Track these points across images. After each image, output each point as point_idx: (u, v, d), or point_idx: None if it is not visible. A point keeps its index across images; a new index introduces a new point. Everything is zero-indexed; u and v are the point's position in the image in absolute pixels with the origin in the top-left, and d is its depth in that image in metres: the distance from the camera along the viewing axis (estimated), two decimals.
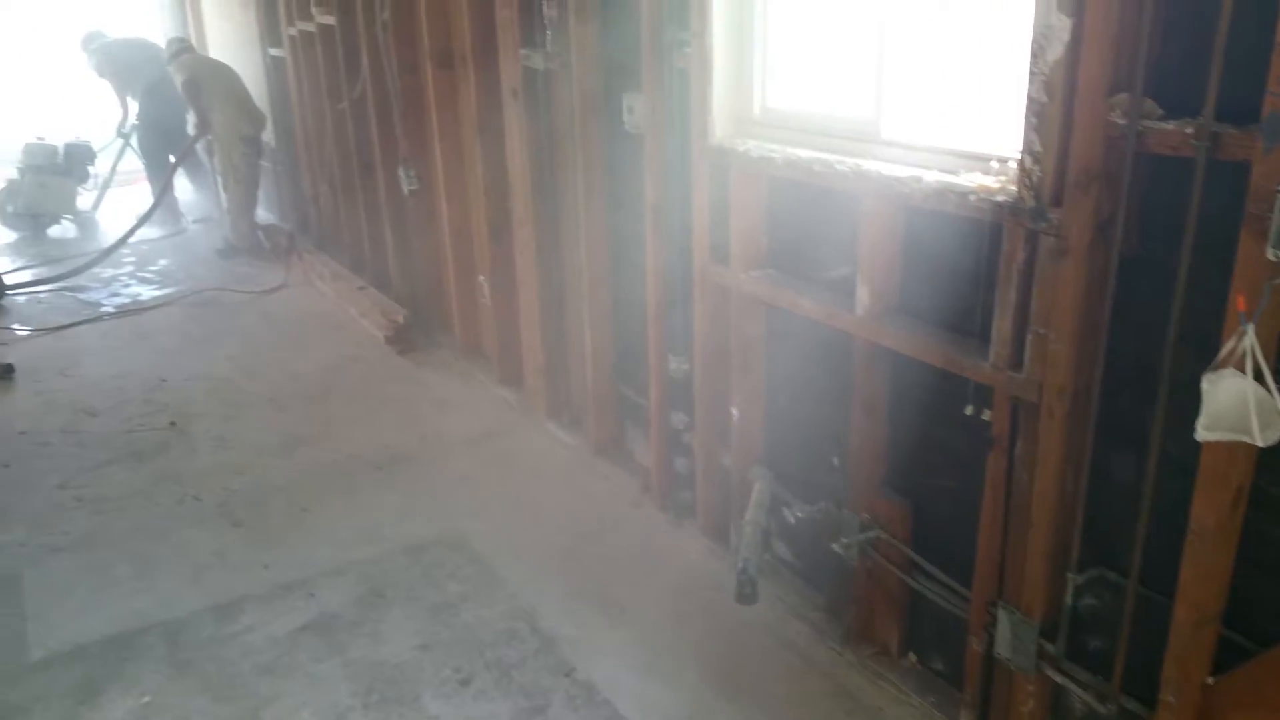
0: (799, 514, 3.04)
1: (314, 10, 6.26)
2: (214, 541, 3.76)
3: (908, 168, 2.45)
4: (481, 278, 5.09)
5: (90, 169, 8.71)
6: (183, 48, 8.01)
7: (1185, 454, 1.94)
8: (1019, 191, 2.13)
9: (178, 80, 7.57)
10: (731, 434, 3.35)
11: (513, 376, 4.95)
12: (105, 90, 8.95)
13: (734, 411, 3.30)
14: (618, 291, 4.02)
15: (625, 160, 3.72)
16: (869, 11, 2.55)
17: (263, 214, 8.15)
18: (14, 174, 8.34)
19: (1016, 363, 2.24)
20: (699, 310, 3.34)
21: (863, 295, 2.61)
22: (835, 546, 2.87)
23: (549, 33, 3.84)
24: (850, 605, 2.98)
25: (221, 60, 8.13)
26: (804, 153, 2.76)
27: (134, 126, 8.78)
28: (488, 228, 4.79)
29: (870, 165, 2.53)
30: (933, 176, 2.36)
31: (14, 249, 8.01)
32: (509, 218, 4.61)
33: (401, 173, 5.49)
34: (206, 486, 4.17)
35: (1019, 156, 2.13)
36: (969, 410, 2.37)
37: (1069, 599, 2.29)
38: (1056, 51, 1.99)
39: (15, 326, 6.24)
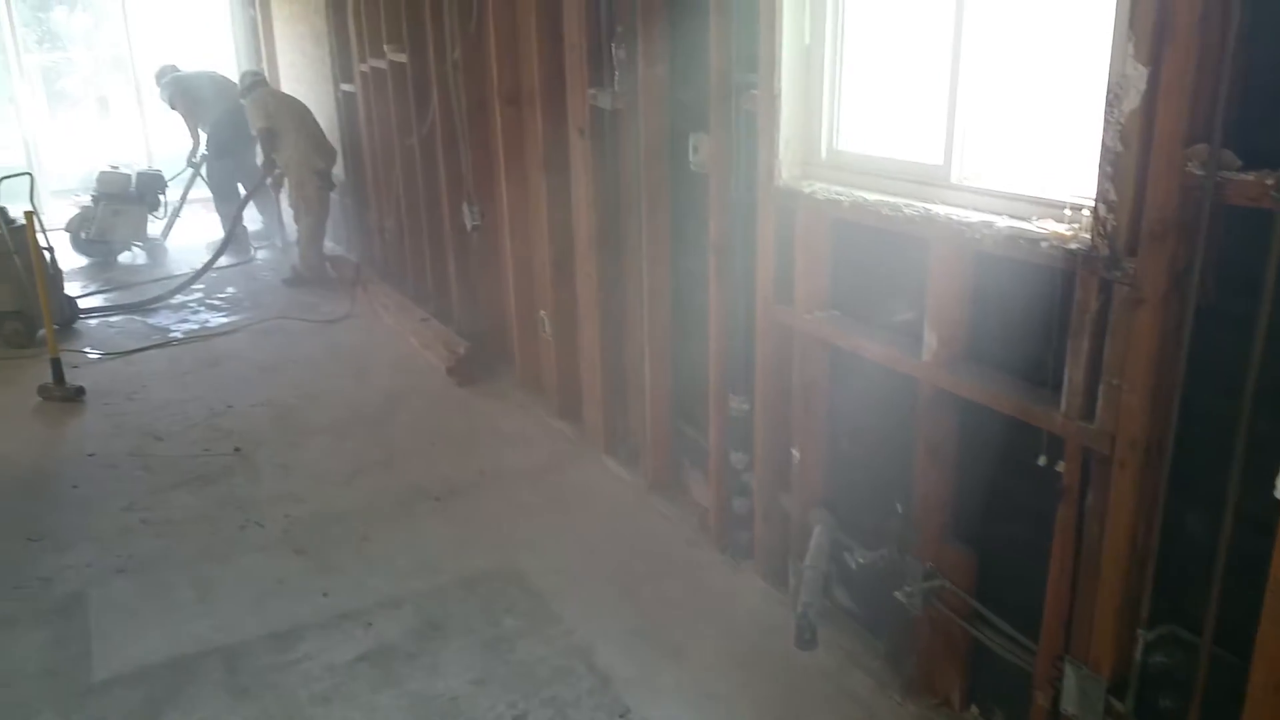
0: (860, 560, 3.00)
1: (386, 48, 6.41)
2: (275, 568, 3.81)
3: (978, 213, 2.43)
4: (542, 312, 5.14)
5: (161, 197, 8.96)
6: (256, 81, 8.25)
7: (1263, 511, 1.89)
8: (1093, 240, 2.11)
9: (253, 122, 7.78)
10: (792, 475, 3.33)
11: (571, 410, 4.97)
12: (177, 121, 9.25)
13: (795, 453, 3.28)
14: (679, 329, 4.03)
15: (689, 199, 3.74)
16: (940, 56, 2.55)
17: (330, 245, 8.32)
18: (88, 201, 8.60)
19: (1088, 413, 2.20)
20: (761, 350, 3.33)
21: (930, 340, 2.59)
22: (898, 595, 2.83)
23: (617, 73, 3.90)
24: (912, 655, 2.93)
25: (294, 95, 8.34)
26: (871, 196, 2.76)
27: (204, 156, 9.04)
28: (550, 263, 4.84)
29: (939, 209, 2.52)
30: (1004, 222, 2.34)
31: (86, 274, 8.25)
32: (572, 254, 4.66)
33: (465, 208, 5.57)
34: (269, 513, 4.23)
35: (1093, 204, 2.10)
36: (1042, 461, 2.33)
37: (1139, 656, 2.23)
38: (1132, 101, 1.98)
39: (87, 350, 6.42)
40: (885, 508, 2.99)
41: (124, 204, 8.56)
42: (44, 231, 5.91)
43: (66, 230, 8.50)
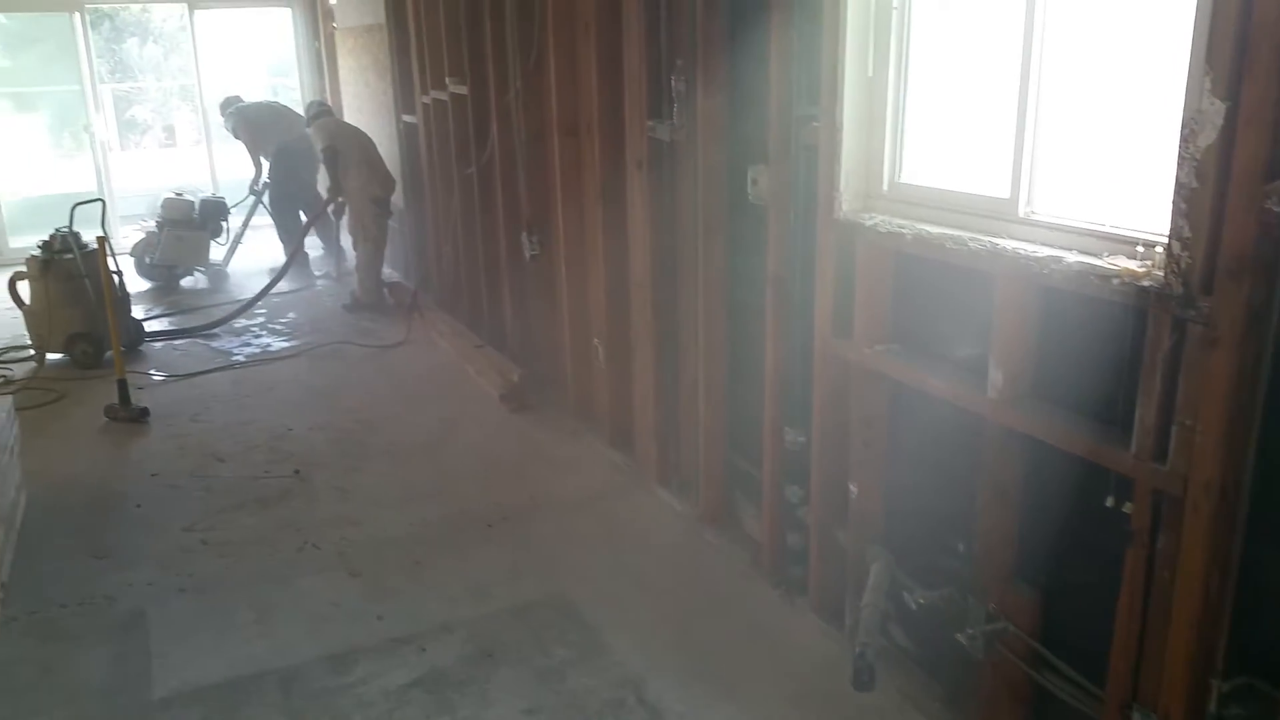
0: (920, 599, 2.94)
1: (448, 80, 6.51)
2: (331, 590, 3.83)
3: (1046, 248, 2.39)
4: (596, 340, 5.15)
5: (224, 223, 9.14)
6: (321, 110, 8.43)
7: None
8: (1166, 278, 2.06)
9: (317, 144, 7.94)
10: (849, 511, 3.28)
11: (623, 439, 4.96)
12: (240, 150, 9.48)
13: (852, 488, 3.24)
14: (734, 360, 4.01)
15: (747, 231, 3.73)
16: (1008, 88, 2.52)
17: (388, 271, 8.43)
18: (153, 227, 8.81)
19: (1160, 454, 2.15)
20: (818, 383, 3.30)
21: (995, 377, 2.55)
22: (959, 636, 2.76)
23: (675, 106, 3.91)
24: (972, 699, 2.86)
25: (356, 125, 8.50)
26: (935, 229, 2.73)
27: (265, 184, 9.23)
28: (606, 292, 4.85)
29: (1006, 244, 2.48)
30: (1073, 258, 2.30)
31: (149, 298, 8.43)
32: (627, 284, 4.67)
33: (525, 238, 5.62)
34: (326, 536, 4.27)
35: (1166, 241, 2.06)
36: (1110, 502, 2.28)
37: (1213, 708, 2.16)
38: (1209, 136, 1.94)
39: (152, 372, 6.55)
40: (946, 546, 2.94)
41: (187, 230, 8.72)
42: (113, 256, 6.04)
43: (131, 255, 8.71)
